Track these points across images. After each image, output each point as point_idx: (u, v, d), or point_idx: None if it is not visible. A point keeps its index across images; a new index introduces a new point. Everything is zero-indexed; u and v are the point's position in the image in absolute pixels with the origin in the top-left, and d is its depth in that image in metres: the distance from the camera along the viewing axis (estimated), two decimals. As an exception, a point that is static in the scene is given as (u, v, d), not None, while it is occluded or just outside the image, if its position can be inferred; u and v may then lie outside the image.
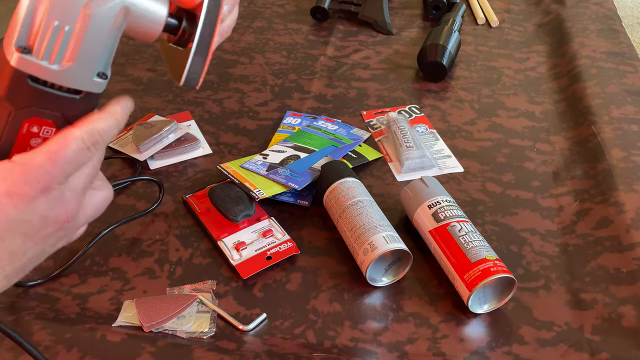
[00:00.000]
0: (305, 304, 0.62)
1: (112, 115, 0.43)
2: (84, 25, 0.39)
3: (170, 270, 0.66)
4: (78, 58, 0.39)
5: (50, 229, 0.42)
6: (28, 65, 0.39)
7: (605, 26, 1.11)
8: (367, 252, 0.61)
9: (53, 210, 0.41)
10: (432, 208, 0.66)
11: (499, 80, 1.00)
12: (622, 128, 0.83)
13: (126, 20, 0.41)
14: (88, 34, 0.39)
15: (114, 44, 0.41)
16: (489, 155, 0.83)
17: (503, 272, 0.58)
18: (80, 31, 0.39)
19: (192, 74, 0.44)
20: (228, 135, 0.87)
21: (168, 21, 0.43)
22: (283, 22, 1.20)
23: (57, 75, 0.39)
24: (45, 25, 0.38)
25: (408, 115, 0.91)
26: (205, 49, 0.44)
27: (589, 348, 0.57)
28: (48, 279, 0.64)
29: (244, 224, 0.70)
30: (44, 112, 0.41)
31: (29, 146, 0.42)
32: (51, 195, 0.41)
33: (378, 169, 0.81)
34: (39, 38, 0.38)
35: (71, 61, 0.39)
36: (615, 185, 0.73)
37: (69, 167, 0.41)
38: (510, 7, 1.25)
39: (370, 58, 1.07)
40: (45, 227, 0.42)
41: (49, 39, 0.38)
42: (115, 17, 0.40)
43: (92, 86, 0.41)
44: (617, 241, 0.67)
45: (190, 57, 0.43)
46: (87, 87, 0.41)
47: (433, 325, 0.60)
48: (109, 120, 0.43)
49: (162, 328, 0.58)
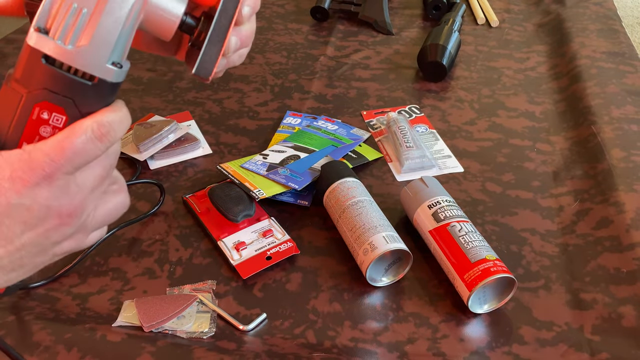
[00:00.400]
0: (305, 304, 0.62)
1: (120, 109, 0.43)
2: (101, 7, 0.39)
3: (170, 270, 0.66)
4: (92, 40, 0.40)
5: (53, 222, 0.41)
6: (44, 43, 0.39)
7: (605, 26, 1.11)
8: (367, 252, 0.61)
9: (56, 200, 0.40)
10: (432, 208, 0.66)
11: (499, 80, 1.00)
12: (622, 128, 0.83)
13: (143, 10, 0.41)
14: (104, 17, 0.40)
15: (129, 33, 0.42)
16: (489, 155, 0.83)
17: (503, 272, 0.58)
18: (96, 13, 0.39)
19: (204, 63, 0.44)
20: (228, 135, 0.87)
21: (185, 18, 0.43)
22: (283, 22, 1.20)
23: (71, 55, 0.40)
24: (64, 6, 0.39)
25: (408, 115, 0.91)
26: (219, 39, 0.44)
27: (589, 348, 0.57)
28: (49, 280, 0.64)
29: (244, 224, 0.70)
30: (55, 96, 0.41)
31: (38, 135, 0.42)
32: (55, 184, 0.40)
33: (378, 169, 0.81)
34: (57, 19, 0.39)
35: (85, 42, 0.40)
36: (615, 185, 0.73)
37: (77, 158, 0.40)
38: (510, 7, 1.25)
39: (370, 58, 1.07)
40: (46, 218, 0.41)
41: (66, 20, 0.39)
42: (133, 4, 0.40)
43: (105, 73, 0.41)
44: (617, 241, 0.67)
45: (204, 46, 0.44)
46: (100, 73, 0.41)
47: (433, 325, 0.60)
48: (119, 112, 0.43)
49: (162, 328, 0.58)
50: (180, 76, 1.02)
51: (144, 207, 0.74)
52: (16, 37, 1.06)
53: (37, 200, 0.40)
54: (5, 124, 0.42)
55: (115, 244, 0.69)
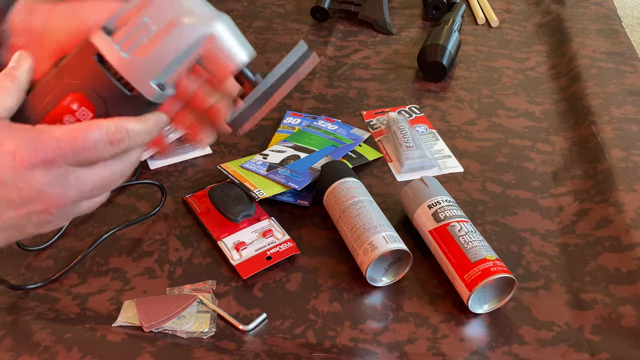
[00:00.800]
0: (305, 304, 0.62)
1: (145, 122, 0.43)
2: (169, 30, 0.41)
3: (170, 270, 0.66)
4: (147, 56, 0.41)
5: (38, 207, 0.40)
6: (103, 43, 0.41)
7: (605, 26, 1.11)
8: (367, 252, 0.61)
9: (48, 187, 0.40)
10: (432, 208, 0.66)
11: (499, 80, 1.00)
12: (622, 128, 0.83)
13: (207, 47, 0.43)
14: (167, 40, 0.41)
15: (184, 61, 0.43)
16: (489, 155, 0.83)
17: (503, 272, 0.58)
18: (162, 34, 0.41)
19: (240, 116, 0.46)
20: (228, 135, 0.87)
21: (243, 70, 0.45)
22: (283, 22, 1.20)
23: (123, 62, 0.41)
24: (136, 18, 0.41)
25: (408, 115, 0.91)
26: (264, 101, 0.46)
27: (589, 348, 0.57)
28: (49, 281, 0.63)
29: (244, 224, 0.70)
30: (91, 93, 0.42)
31: (60, 121, 0.43)
32: (53, 171, 0.39)
33: (378, 169, 0.81)
34: (124, 26, 0.41)
35: (140, 55, 0.41)
36: (615, 185, 0.73)
37: (83, 153, 0.40)
38: (510, 7, 1.25)
39: (370, 58, 1.07)
40: (33, 202, 0.40)
41: (132, 29, 0.41)
42: (198, 38, 0.42)
43: (147, 89, 0.42)
44: (617, 241, 0.67)
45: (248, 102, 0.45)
46: (141, 88, 0.42)
47: (433, 325, 0.60)
48: (141, 125, 0.42)
49: (162, 328, 0.58)
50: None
51: (144, 207, 0.74)
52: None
53: (30, 183, 0.39)
54: (38, 100, 0.43)
55: (115, 244, 0.69)
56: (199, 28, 0.42)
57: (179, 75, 0.43)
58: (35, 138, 0.39)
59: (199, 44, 0.42)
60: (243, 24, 1.19)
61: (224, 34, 0.42)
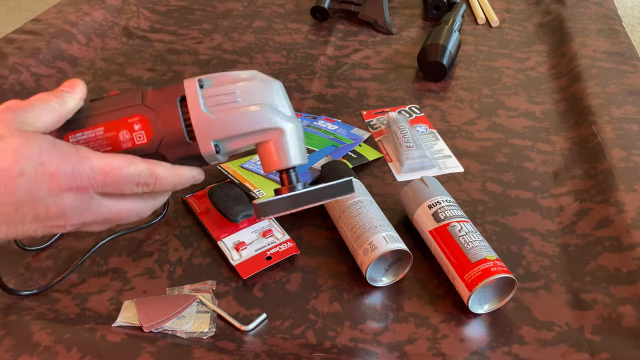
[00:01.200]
0: (305, 304, 0.62)
1: (177, 172, 0.46)
2: (248, 109, 0.46)
3: (170, 270, 0.66)
4: (221, 119, 0.46)
5: (57, 222, 0.43)
6: (192, 92, 0.46)
7: (605, 26, 1.11)
8: (367, 252, 0.61)
9: (73, 210, 0.42)
10: (432, 208, 0.66)
11: (499, 80, 1.00)
12: (623, 128, 0.83)
13: (269, 136, 0.47)
14: (245, 115, 0.46)
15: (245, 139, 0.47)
16: (489, 155, 0.83)
17: (503, 272, 0.58)
18: (240, 107, 0.46)
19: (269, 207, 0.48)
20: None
21: (289, 172, 0.48)
22: (283, 22, 1.20)
23: (198, 115, 0.46)
24: (228, 85, 0.46)
25: (408, 115, 0.91)
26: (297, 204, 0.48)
27: (589, 348, 0.57)
28: (48, 287, 0.63)
29: (244, 224, 0.70)
30: (157, 123, 0.46)
31: (116, 131, 0.46)
32: (82, 196, 0.42)
33: (378, 169, 0.81)
34: (216, 89, 0.46)
35: (215, 115, 0.46)
36: (616, 185, 0.73)
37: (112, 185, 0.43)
38: (510, 7, 1.25)
39: (370, 58, 1.07)
40: (55, 219, 0.42)
41: (220, 93, 0.46)
42: (270, 127, 0.47)
43: (203, 145, 0.46)
44: (617, 241, 0.67)
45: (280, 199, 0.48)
46: (201, 141, 0.46)
47: (433, 325, 0.60)
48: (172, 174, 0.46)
49: (162, 328, 0.58)
50: (180, 76, 1.02)
51: (143, 207, 0.74)
52: (16, 37, 1.06)
53: (59, 203, 0.42)
54: (107, 107, 0.47)
55: (115, 244, 0.69)
56: (275, 121, 0.47)
57: (236, 149, 0.47)
58: (75, 164, 0.42)
59: (268, 132, 0.47)
60: (243, 24, 1.19)
61: (290, 136, 0.47)
